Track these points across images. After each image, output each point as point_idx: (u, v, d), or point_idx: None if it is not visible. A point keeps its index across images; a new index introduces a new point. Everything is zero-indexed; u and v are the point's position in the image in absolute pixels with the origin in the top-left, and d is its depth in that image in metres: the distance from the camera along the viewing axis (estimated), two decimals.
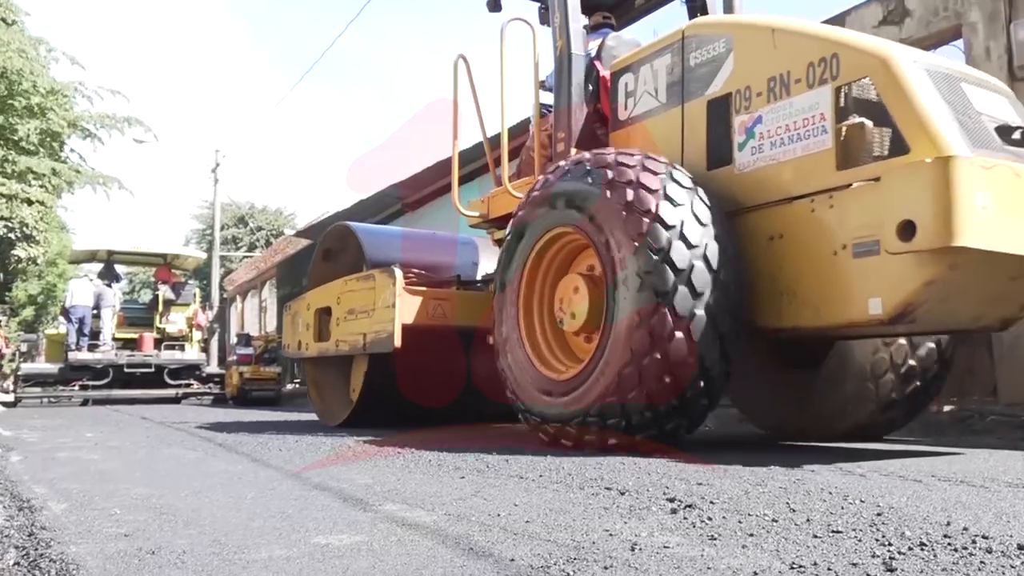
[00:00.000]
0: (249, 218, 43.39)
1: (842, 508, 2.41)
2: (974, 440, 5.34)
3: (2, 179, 15.36)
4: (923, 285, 3.42)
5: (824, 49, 3.86)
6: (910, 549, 1.86)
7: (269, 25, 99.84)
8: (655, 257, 3.80)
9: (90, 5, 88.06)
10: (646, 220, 3.86)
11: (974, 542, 1.91)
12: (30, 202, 15.75)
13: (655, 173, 4.00)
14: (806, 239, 3.86)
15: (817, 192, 3.80)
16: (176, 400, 16.47)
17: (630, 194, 3.96)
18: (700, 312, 3.77)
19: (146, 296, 23.68)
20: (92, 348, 16.45)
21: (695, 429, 4.30)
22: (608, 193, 4.08)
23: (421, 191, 11.48)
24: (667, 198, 3.89)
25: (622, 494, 2.76)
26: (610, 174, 4.12)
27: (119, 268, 19.59)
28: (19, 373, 16.97)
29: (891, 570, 1.69)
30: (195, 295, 19.40)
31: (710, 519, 2.27)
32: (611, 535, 2.09)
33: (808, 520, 2.23)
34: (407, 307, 5.64)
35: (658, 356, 3.75)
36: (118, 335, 17.27)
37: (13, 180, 15.56)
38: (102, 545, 2.08)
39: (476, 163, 8.70)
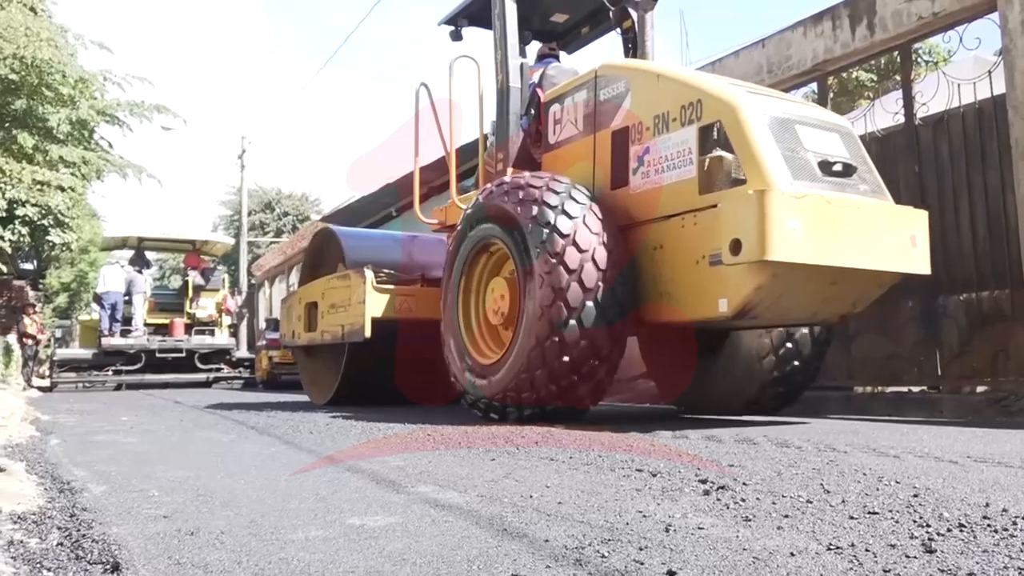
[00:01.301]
0: (276, 204, 43.68)
1: (877, 489, 2.39)
2: (1009, 421, 5.27)
3: (34, 167, 15.55)
4: (754, 290, 4.22)
5: (692, 95, 4.66)
6: (949, 531, 1.84)
7: (293, 10, 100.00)
8: (553, 260, 4.59)
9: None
10: (546, 231, 4.67)
11: (1015, 523, 1.89)
12: (62, 189, 15.94)
13: (556, 193, 4.81)
14: (678, 250, 4.64)
15: (686, 212, 4.59)
16: (207, 384, 16.70)
17: (535, 210, 4.77)
18: (590, 303, 4.54)
19: (176, 282, 24.00)
20: (124, 334, 16.71)
21: (597, 401, 5.01)
22: (519, 209, 4.88)
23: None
24: (564, 212, 4.69)
25: (654, 475, 2.76)
26: (521, 194, 4.94)
27: (149, 254, 19.86)
28: (54, 358, 17.30)
29: (931, 551, 1.67)
30: (224, 280, 19.62)
31: (743, 500, 2.26)
32: (644, 516, 2.09)
33: (843, 501, 2.21)
34: (376, 303, 6.48)
35: (556, 340, 4.54)
36: (149, 320, 17.53)
37: (45, 167, 15.76)
38: (142, 526, 2.12)
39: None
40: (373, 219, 17.50)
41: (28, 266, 20.37)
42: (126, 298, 17.01)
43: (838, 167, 4.51)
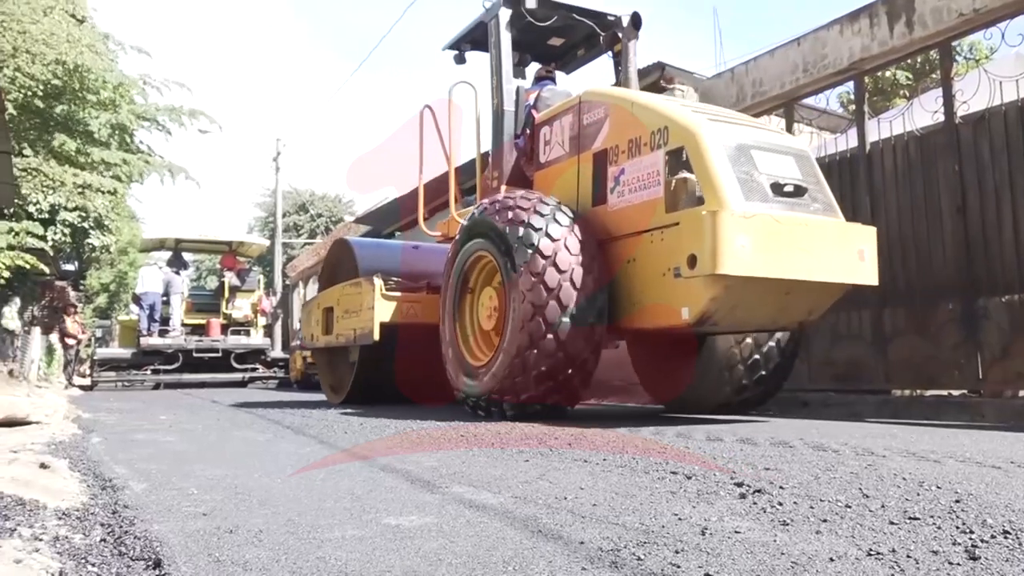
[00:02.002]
0: (310, 205, 44.12)
1: (918, 494, 2.35)
2: None
3: (76, 170, 15.88)
4: (710, 300, 4.65)
5: (661, 121, 5.13)
6: (993, 537, 1.81)
7: (326, 13, 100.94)
8: (534, 278, 5.05)
9: (155, 3, 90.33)
10: (530, 250, 5.13)
11: None
12: (102, 192, 16.26)
13: (541, 215, 5.25)
14: (648, 263, 5.08)
15: (654, 228, 5.04)
16: (243, 384, 16.90)
17: (522, 231, 5.21)
18: (566, 319, 5.01)
19: (212, 283, 24.29)
20: (162, 334, 16.98)
21: (573, 403, 5.54)
22: (507, 229, 5.33)
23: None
24: (547, 234, 5.14)
25: (688, 478, 2.74)
26: (510, 214, 5.37)
27: (186, 256, 20.14)
28: (95, 358, 17.64)
29: (974, 558, 1.64)
30: (259, 281, 19.85)
31: (780, 504, 2.24)
32: (680, 519, 2.08)
33: (883, 506, 2.18)
34: (384, 308, 6.94)
35: (535, 351, 5.04)
36: (186, 321, 17.79)
37: (87, 171, 16.08)
38: (182, 523, 2.15)
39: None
40: (406, 220, 17.58)
41: (69, 267, 20.76)
42: (164, 299, 17.28)
43: (789, 188, 4.93)
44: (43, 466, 3.10)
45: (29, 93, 15.08)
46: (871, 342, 7.19)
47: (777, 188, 4.88)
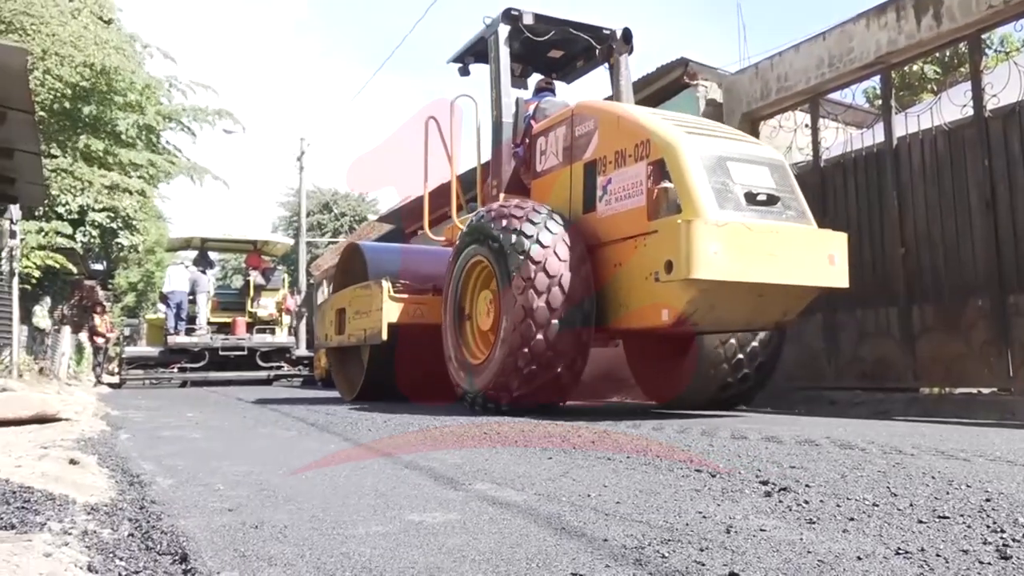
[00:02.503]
0: (333, 204, 44.37)
1: (947, 493, 2.31)
2: None
3: (104, 171, 16.11)
4: (687, 302, 5.00)
5: (643, 134, 5.45)
6: None
7: (351, 13, 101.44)
8: (524, 284, 5.37)
9: (177, 3, 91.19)
10: (521, 257, 5.43)
11: None
12: (130, 192, 16.48)
13: (533, 223, 5.57)
14: (632, 267, 5.39)
15: (637, 235, 5.36)
16: (268, 382, 17.03)
17: (515, 238, 5.53)
18: (555, 322, 5.33)
19: (238, 282, 24.49)
20: (189, 332, 17.14)
21: (563, 399, 5.93)
22: (502, 236, 5.64)
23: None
24: (538, 242, 5.44)
25: (713, 476, 2.72)
26: (504, 222, 5.70)
27: (212, 255, 20.32)
28: (123, 356, 17.85)
29: (1006, 558, 1.61)
30: (284, 280, 19.99)
31: (806, 502, 2.22)
32: (704, 517, 2.06)
33: (911, 505, 2.15)
34: (392, 310, 7.28)
35: (526, 351, 5.36)
36: (212, 319, 17.95)
37: (115, 171, 16.31)
38: (208, 519, 2.17)
39: None
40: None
41: (98, 267, 21.06)
42: (190, 297, 17.44)
43: (762, 197, 5.21)
44: (73, 462, 3.14)
45: (58, 95, 15.31)
46: (899, 339, 7.10)
47: (751, 197, 5.18)
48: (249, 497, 2.52)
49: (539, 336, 5.32)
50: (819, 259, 5.21)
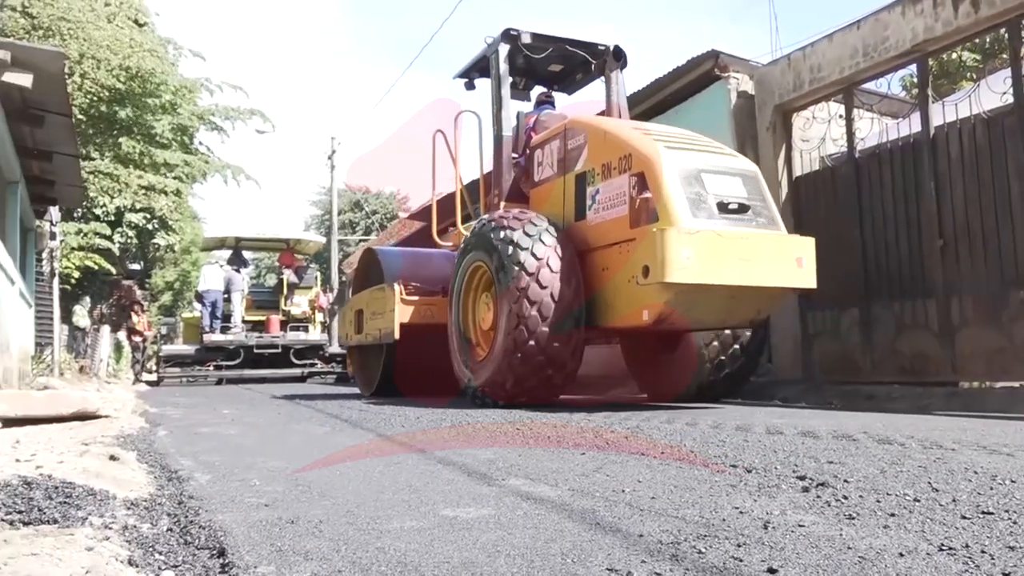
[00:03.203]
0: (364, 203, 44.65)
1: (991, 488, 2.26)
2: None
3: (140, 172, 16.37)
4: (664, 303, 5.46)
5: (626, 149, 5.92)
6: None
7: (381, 11, 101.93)
8: (519, 293, 5.83)
9: (210, 5, 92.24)
10: (516, 267, 5.89)
11: None
12: (165, 193, 16.73)
13: (529, 235, 6.00)
14: (617, 271, 5.84)
15: (621, 241, 5.84)
16: (302, 379, 17.17)
17: (511, 249, 5.99)
18: (545, 329, 5.81)
19: (271, 280, 24.75)
20: (224, 330, 17.34)
21: (555, 397, 6.34)
22: (500, 246, 6.09)
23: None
24: (532, 254, 5.87)
25: (749, 471, 2.69)
26: (503, 233, 6.13)
27: (246, 254, 20.54)
28: (160, 354, 18.12)
29: None
30: (316, 278, 20.12)
31: (845, 498, 2.18)
32: (741, 512, 2.04)
33: (954, 500, 2.11)
34: (404, 311, 7.76)
35: (519, 355, 5.87)
36: (247, 318, 18.12)
37: (150, 172, 16.56)
38: (245, 514, 2.19)
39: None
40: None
41: (135, 266, 21.40)
42: (225, 296, 17.63)
43: (734, 206, 5.66)
44: (113, 458, 3.20)
45: (95, 98, 15.57)
46: (938, 332, 6.97)
47: (723, 206, 5.63)
48: (284, 492, 2.54)
49: (531, 342, 5.79)
50: (788, 262, 5.66)
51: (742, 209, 5.69)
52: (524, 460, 3.13)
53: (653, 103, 10.16)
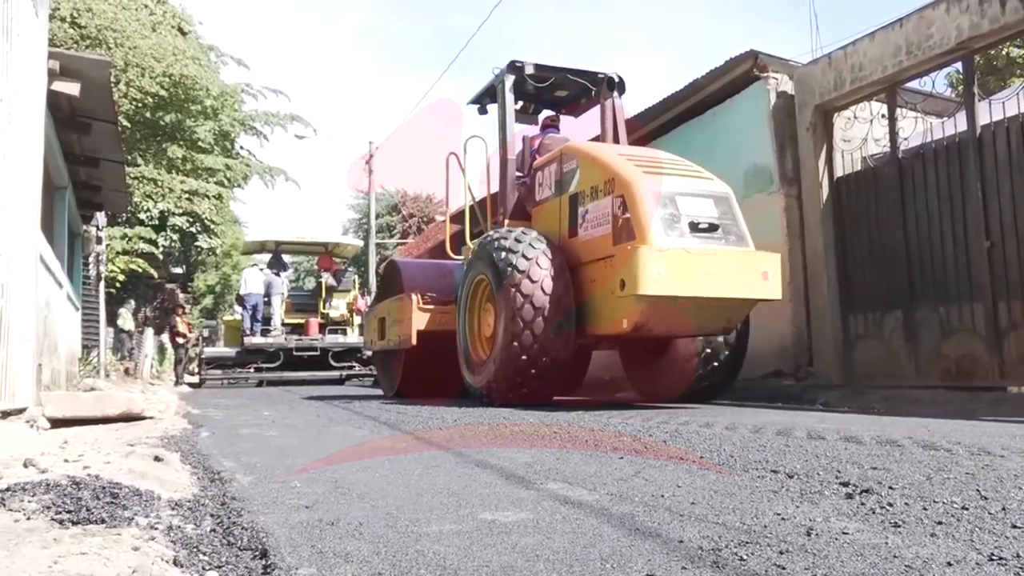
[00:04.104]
0: (401, 206, 44.93)
1: None
2: None
3: (183, 177, 16.67)
4: (640, 313, 6.09)
5: (610, 174, 6.57)
6: None
7: (419, 14, 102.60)
8: (514, 309, 6.45)
9: (251, 12, 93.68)
10: (512, 289, 6.51)
11: None
12: (207, 197, 17.01)
13: (527, 258, 6.59)
14: (602, 283, 6.45)
15: (605, 257, 6.44)
16: (340, 381, 17.31)
17: (509, 270, 6.58)
18: (539, 320, 6.42)
19: (310, 284, 24.99)
20: (264, 333, 17.56)
21: (549, 398, 6.94)
22: (499, 265, 6.71)
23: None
24: (528, 277, 6.50)
25: (790, 477, 2.65)
26: (503, 254, 6.73)
27: (285, 257, 20.79)
28: (202, 357, 18.41)
29: None
30: (354, 281, 20.28)
31: (891, 505, 2.14)
32: (783, 519, 2.01)
33: (1004, 509, 2.06)
34: (420, 318, 8.42)
35: (512, 368, 6.51)
36: (287, 320, 18.32)
37: (193, 177, 16.86)
38: (286, 515, 2.22)
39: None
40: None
41: (178, 270, 21.79)
42: (265, 299, 17.85)
43: (704, 226, 6.24)
44: (157, 459, 3.26)
45: (139, 105, 15.89)
46: (985, 336, 6.81)
47: (694, 226, 6.21)
48: (325, 494, 2.56)
49: (524, 357, 6.45)
50: (754, 276, 6.18)
51: (712, 228, 6.27)
52: (562, 464, 3.12)
53: (691, 104, 10.10)
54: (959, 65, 7.46)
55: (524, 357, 6.42)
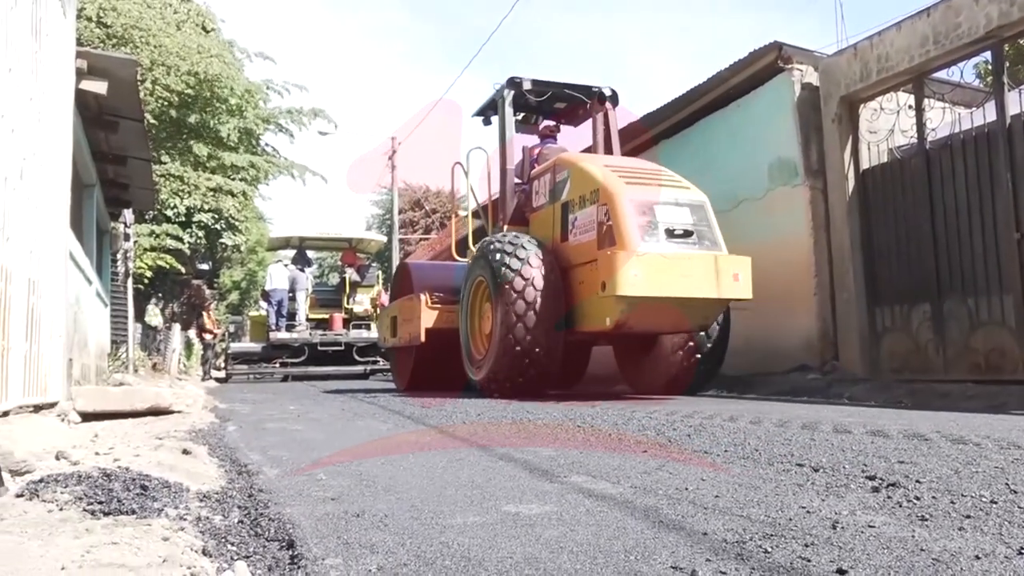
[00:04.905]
0: (424, 201, 45.02)
1: None
2: None
3: (208, 174, 16.81)
4: (620, 312, 6.62)
5: (595, 185, 7.17)
6: None
7: (440, 11, 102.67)
8: (509, 307, 7.05)
9: (273, 9, 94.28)
10: (507, 287, 7.08)
11: None
12: (232, 194, 17.15)
13: (519, 259, 7.18)
14: (589, 285, 7.00)
15: (591, 260, 6.99)
16: (364, 376, 17.41)
17: (503, 270, 7.18)
18: (531, 313, 7.02)
19: (334, 279, 25.12)
20: (289, 328, 17.69)
21: (541, 390, 7.39)
22: (495, 266, 7.30)
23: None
24: (520, 275, 7.08)
25: (816, 471, 2.64)
26: (499, 256, 7.31)
27: (309, 253, 20.92)
28: (229, 352, 18.59)
29: None
30: (378, 277, 20.37)
31: (917, 499, 2.12)
32: (809, 512, 2.00)
33: None
34: (429, 317, 9.02)
35: (507, 360, 7.11)
36: (311, 316, 18.44)
37: (218, 174, 17.00)
38: (312, 507, 2.24)
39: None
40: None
41: (204, 266, 21.99)
42: (290, 295, 17.99)
43: (679, 232, 6.86)
44: (185, 452, 3.30)
45: (165, 103, 16.06)
46: (1015, 329, 6.72)
47: (670, 232, 6.80)
48: (350, 487, 2.58)
49: (518, 348, 6.99)
50: (725, 278, 6.73)
51: (687, 234, 6.87)
52: (585, 457, 3.13)
53: (714, 97, 10.03)
54: (988, 54, 7.34)
55: (518, 348, 6.98)
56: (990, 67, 7.56)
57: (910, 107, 8.01)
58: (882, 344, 8.07)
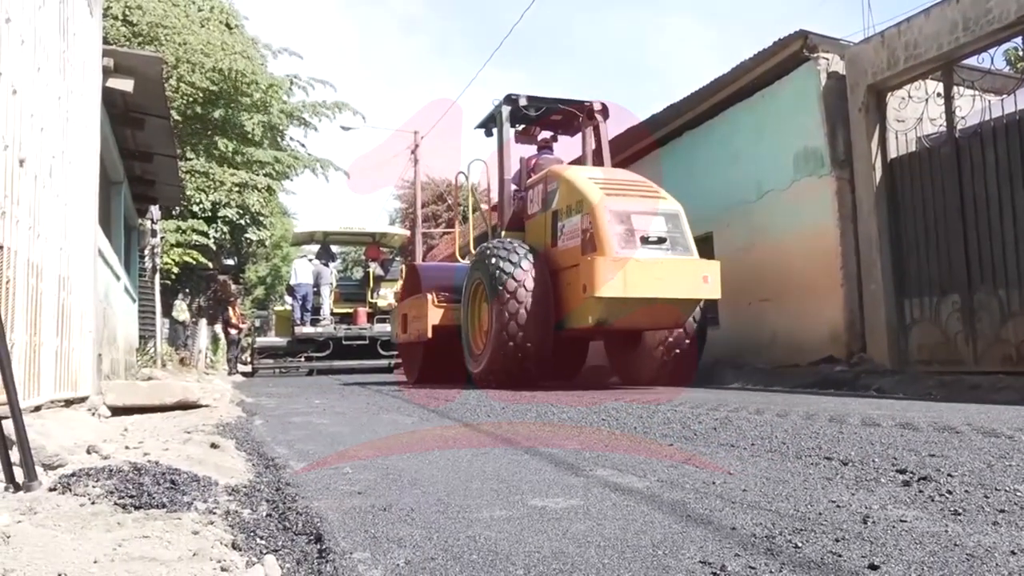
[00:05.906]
0: (447, 195, 45.06)
1: None
2: None
3: (233, 169, 16.93)
4: (601, 311, 7.42)
5: (580, 195, 7.91)
6: None
7: (462, 6, 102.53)
8: (502, 307, 7.79)
9: (296, 5, 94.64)
10: (500, 288, 7.82)
11: None
12: (257, 189, 17.26)
13: (512, 262, 7.92)
14: (574, 286, 7.69)
15: (576, 265, 7.68)
16: (388, 370, 17.47)
17: (497, 272, 7.93)
18: (522, 311, 7.75)
19: (358, 273, 25.23)
20: (314, 323, 17.80)
21: (538, 377, 8.06)
22: (490, 269, 8.04)
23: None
24: (513, 277, 7.82)
25: (845, 464, 2.61)
26: (494, 260, 8.06)
27: (333, 248, 21.03)
28: (255, 346, 18.75)
29: None
30: (401, 271, 20.44)
31: (950, 493, 2.09)
32: (838, 506, 1.98)
33: None
34: (435, 314, 9.71)
35: (501, 355, 7.84)
36: (335, 310, 18.55)
37: (243, 170, 17.11)
38: (339, 501, 2.25)
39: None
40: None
41: (229, 262, 22.16)
42: (315, 289, 18.10)
43: (654, 239, 7.58)
44: (213, 446, 3.33)
45: (190, 100, 16.19)
46: None
47: (645, 239, 7.52)
48: (376, 480, 2.59)
49: (511, 343, 7.72)
50: (696, 280, 7.53)
51: (660, 241, 7.59)
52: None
53: (739, 87, 9.93)
54: (1019, 40, 7.20)
55: (511, 343, 7.70)
56: (1021, 53, 7.41)
57: (939, 95, 7.87)
58: (910, 336, 7.97)
